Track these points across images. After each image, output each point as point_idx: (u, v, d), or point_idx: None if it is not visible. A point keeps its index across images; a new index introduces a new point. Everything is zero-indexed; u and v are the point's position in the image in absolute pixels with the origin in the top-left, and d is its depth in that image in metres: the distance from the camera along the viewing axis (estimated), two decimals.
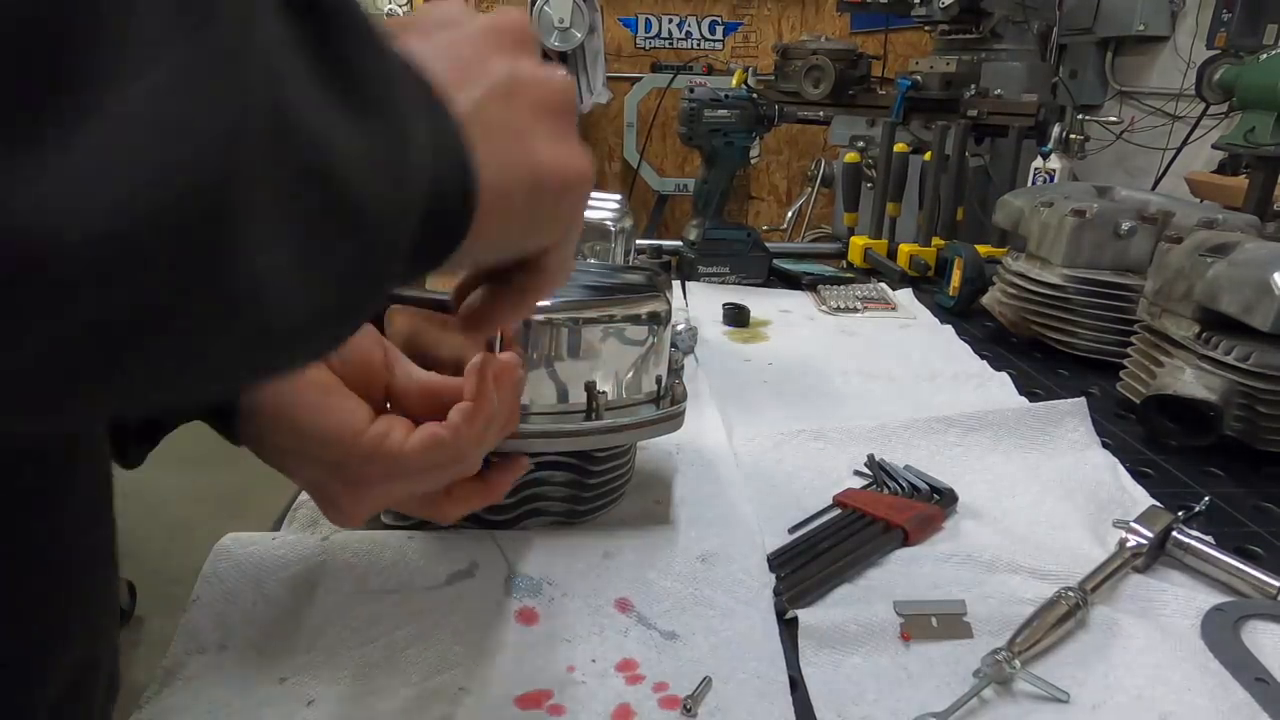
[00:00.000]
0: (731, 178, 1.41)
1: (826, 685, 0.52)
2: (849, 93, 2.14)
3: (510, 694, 0.50)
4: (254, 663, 0.51)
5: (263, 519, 0.67)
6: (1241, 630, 0.57)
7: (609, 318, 0.59)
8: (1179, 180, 2.06)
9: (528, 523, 0.64)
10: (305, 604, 0.55)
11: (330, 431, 0.42)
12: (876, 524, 0.67)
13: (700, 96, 1.35)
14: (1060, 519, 0.71)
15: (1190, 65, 2.45)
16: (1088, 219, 1.06)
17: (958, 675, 0.53)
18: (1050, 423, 0.85)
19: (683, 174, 3.94)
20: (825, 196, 3.48)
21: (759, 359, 1.08)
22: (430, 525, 0.63)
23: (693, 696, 0.49)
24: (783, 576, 0.61)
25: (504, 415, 0.45)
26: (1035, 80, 2.23)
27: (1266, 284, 0.78)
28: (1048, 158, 1.76)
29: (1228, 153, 1.74)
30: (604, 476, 0.64)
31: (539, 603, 0.57)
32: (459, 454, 0.44)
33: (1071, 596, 0.56)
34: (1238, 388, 0.82)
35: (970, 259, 1.28)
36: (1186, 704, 0.50)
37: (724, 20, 4.00)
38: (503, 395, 0.44)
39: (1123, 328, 1.03)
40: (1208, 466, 0.83)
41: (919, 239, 1.55)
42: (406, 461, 0.43)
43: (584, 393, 0.58)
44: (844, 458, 0.80)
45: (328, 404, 0.43)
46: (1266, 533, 0.71)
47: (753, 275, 1.43)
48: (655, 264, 1.41)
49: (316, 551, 0.59)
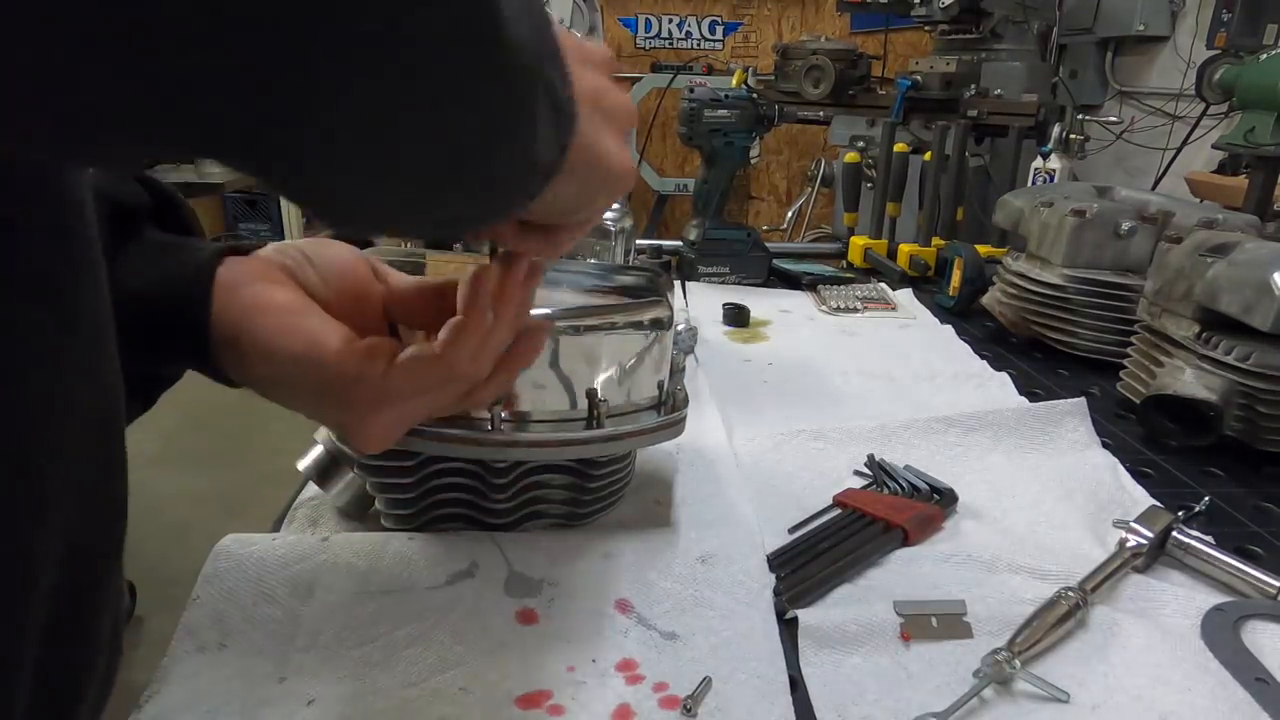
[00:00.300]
0: (731, 178, 1.41)
1: (826, 685, 0.52)
2: (849, 93, 2.14)
3: (510, 694, 0.50)
4: (254, 663, 0.51)
5: (263, 519, 0.68)
6: (1241, 630, 0.57)
7: (611, 325, 0.59)
8: (1179, 180, 2.06)
9: (528, 525, 0.64)
10: (305, 604, 0.55)
11: (299, 352, 0.42)
12: (876, 524, 0.67)
13: (700, 96, 1.35)
14: (1060, 519, 0.71)
15: (1190, 65, 2.45)
16: (1088, 219, 1.06)
17: (958, 675, 0.53)
18: (1050, 423, 0.85)
19: (683, 174, 3.95)
20: (825, 196, 3.48)
21: (759, 359, 1.08)
22: (431, 526, 0.63)
23: (693, 696, 0.49)
24: (783, 576, 0.61)
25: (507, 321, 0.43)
26: (1035, 80, 2.23)
27: (1266, 284, 0.78)
28: (1048, 158, 1.77)
29: (1228, 153, 1.74)
30: (605, 481, 0.64)
31: (539, 603, 0.57)
32: (453, 371, 0.42)
33: (1071, 596, 0.56)
34: (1238, 388, 0.82)
35: (970, 259, 1.28)
36: (1186, 704, 0.50)
37: (724, 20, 4.01)
38: (506, 300, 0.42)
39: (1123, 328, 1.03)
40: (1208, 466, 0.83)
41: (919, 239, 1.55)
42: (394, 385, 0.42)
43: (585, 400, 0.58)
44: (844, 458, 0.80)
45: (293, 324, 0.42)
46: (1266, 533, 0.71)
47: (753, 275, 1.43)
48: (655, 264, 1.41)
49: (317, 551, 0.59)
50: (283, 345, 0.42)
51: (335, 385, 0.42)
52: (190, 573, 0.57)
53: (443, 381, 0.43)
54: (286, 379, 0.43)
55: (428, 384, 0.43)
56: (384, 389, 0.42)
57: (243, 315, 0.43)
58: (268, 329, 0.42)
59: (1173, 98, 2.57)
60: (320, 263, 0.46)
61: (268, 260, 0.45)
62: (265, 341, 0.42)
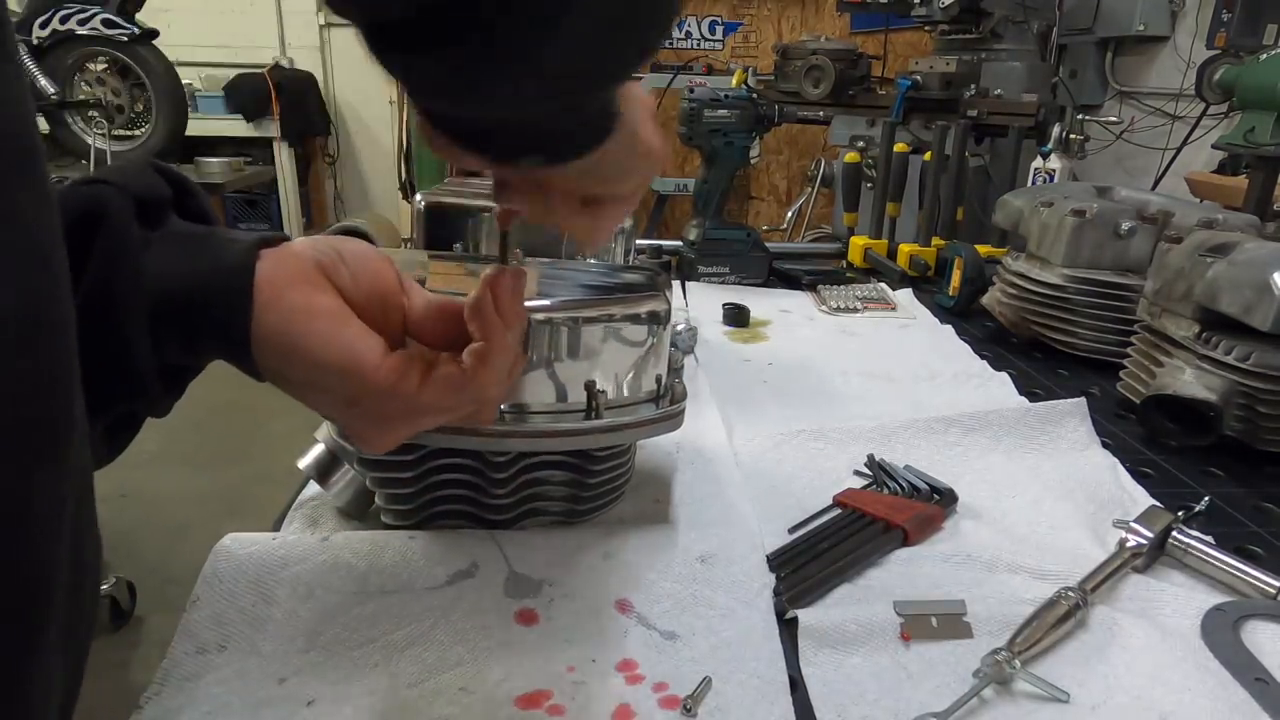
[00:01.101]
0: (731, 178, 1.41)
1: (826, 685, 0.52)
2: (849, 93, 2.14)
3: (510, 694, 0.50)
4: (253, 664, 0.51)
5: (263, 519, 0.68)
6: (1241, 630, 0.57)
7: (609, 317, 0.59)
8: (1179, 180, 2.06)
9: (528, 522, 0.64)
10: (305, 604, 0.55)
11: (344, 363, 0.42)
12: (876, 524, 0.67)
13: (700, 96, 1.35)
14: (1060, 519, 0.71)
15: (1190, 65, 2.45)
16: (1088, 219, 1.06)
17: (958, 675, 0.53)
18: (1050, 422, 0.85)
19: (683, 174, 3.94)
20: (825, 196, 3.48)
21: (759, 359, 1.08)
22: (431, 522, 0.63)
23: (693, 696, 0.49)
24: (783, 576, 0.61)
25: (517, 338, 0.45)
26: (1035, 80, 2.24)
27: (1266, 284, 0.78)
28: (1048, 158, 1.77)
29: (1228, 153, 1.74)
30: (604, 476, 0.64)
31: (539, 603, 0.57)
32: (485, 394, 0.44)
33: (1071, 596, 0.56)
34: (1238, 388, 0.82)
35: (970, 259, 1.28)
36: (1186, 704, 0.50)
37: (724, 20, 4.00)
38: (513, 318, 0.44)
39: (1123, 328, 1.03)
40: (1208, 466, 0.83)
41: (919, 239, 1.55)
42: (425, 403, 0.43)
43: (584, 392, 0.58)
44: (844, 458, 0.80)
45: (340, 334, 0.43)
46: (1266, 533, 0.71)
47: (753, 275, 1.43)
48: (655, 264, 1.41)
49: (316, 552, 0.59)
50: (325, 354, 0.42)
51: (368, 398, 0.43)
52: (190, 572, 0.57)
53: (471, 403, 0.44)
54: (320, 385, 0.43)
55: (458, 403, 0.44)
56: (415, 405, 0.43)
57: (287, 319, 0.42)
58: (310, 335, 0.42)
59: (1173, 98, 2.57)
60: (351, 262, 0.46)
61: (304, 257, 0.45)
62: (307, 348, 0.42)
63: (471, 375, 0.43)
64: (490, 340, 0.43)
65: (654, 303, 0.61)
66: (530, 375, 0.57)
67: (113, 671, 1.88)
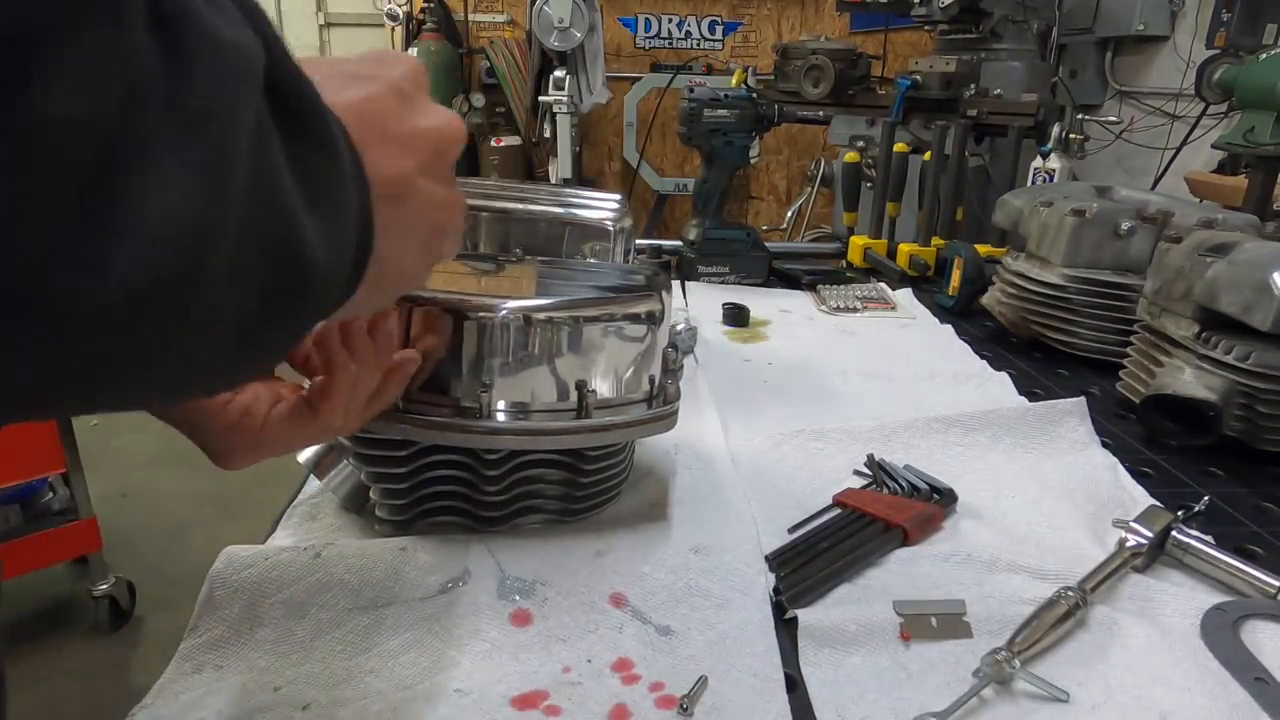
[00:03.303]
0: (731, 178, 1.41)
1: (826, 685, 0.52)
2: (849, 92, 2.14)
3: (506, 695, 0.49)
4: (249, 676, 0.51)
5: (261, 519, 0.67)
6: (1241, 630, 0.57)
7: (602, 316, 0.59)
8: (1179, 180, 2.06)
9: (523, 520, 0.64)
10: (300, 623, 0.55)
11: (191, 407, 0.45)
12: (876, 524, 0.67)
13: (700, 96, 1.35)
14: (1060, 519, 0.71)
15: (1190, 65, 2.45)
16: (1088, 219, 1.06)
17: (958, 675, 0.52)
18: (1050, 422, 0.84)
19: (683, 174, 3.94)
20: (825, 196, 3.48)
21: (759, 359, 1.08)
22: (425, 519, 0.63)
23: (689, 696, 0.49)
24: (783, 576, 0.61)
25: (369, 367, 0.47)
26: (1035, 80, 2.23)
27: (1266, 284, 0.78)
28: (1047, 157, 1.77)
29: (1227, 153, 1.74)
30: (598, 475, 0.64)
31: (533, 603, 0.57)
32: (329, 426, 0.47)
33: (1071, 596, 0.56)
34: (1238, 387, 0.81)
35: (970, 259, 1.28)
36: (1186, 704, 0.50)
37: (724, 20, 4.00)
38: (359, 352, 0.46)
39: (1123, 328, 1.03)
40: (1208, 466, 0.83)
41: (919, 239, 1.54)
42: (269, 437, 0.46)
43: (575, 391, 0.58)
44: (844, 458, 0.80)
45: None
46: (1266, 533, 0.71)
47: (753, 275, 1.43)
48: (655, 264, 1.41)
49: (310, 570, 0.58)
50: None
51: (215, 434, 0.46)
52: (190, 572, 0.56)
53: (320, 431, 0.47)
54: (172, 417, 0.46)
55: (301, 437, 0.47)
56: (259, 440, 0.46)
57: None
58: None
59: (1172, 97, 2.57)
60: None
61: None
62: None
63: (317, 409, 0.46)
64: (333, 373, 0.45)
65: (647, 303, 0.61)
66: (522, 373, 0.57)
67: (112, 671, 1.88)
